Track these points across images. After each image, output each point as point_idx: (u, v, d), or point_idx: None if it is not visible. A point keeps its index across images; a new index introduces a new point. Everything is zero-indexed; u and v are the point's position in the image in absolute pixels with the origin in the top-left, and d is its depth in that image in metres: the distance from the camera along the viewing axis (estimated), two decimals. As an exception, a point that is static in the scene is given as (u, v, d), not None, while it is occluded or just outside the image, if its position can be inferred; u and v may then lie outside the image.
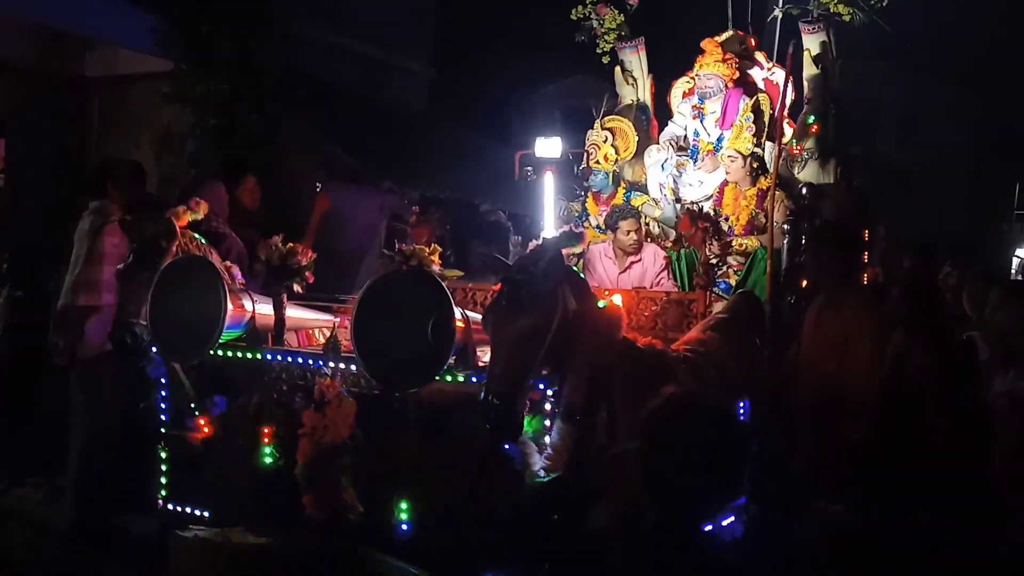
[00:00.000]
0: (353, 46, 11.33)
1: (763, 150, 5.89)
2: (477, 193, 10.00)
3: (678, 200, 6.04)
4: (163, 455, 4.15)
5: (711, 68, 6.04)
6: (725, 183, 5.83)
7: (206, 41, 8.42)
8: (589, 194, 6.08)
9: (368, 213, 9.95)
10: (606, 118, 6.24)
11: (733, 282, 5.39)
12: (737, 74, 6.10)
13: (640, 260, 5.56)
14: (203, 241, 4.21)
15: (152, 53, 8.53)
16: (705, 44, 6.15)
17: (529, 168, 5.52)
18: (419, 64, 12.91)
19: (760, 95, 6.01)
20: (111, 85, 9.55)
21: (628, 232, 5.52)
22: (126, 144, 9.61)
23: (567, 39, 6.59)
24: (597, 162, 6.02)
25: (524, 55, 17.91)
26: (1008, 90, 23.57)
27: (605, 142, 6.04)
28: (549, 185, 4.79)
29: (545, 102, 20.69)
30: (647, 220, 5.94)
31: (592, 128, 6.15)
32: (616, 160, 6.16)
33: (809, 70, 5.96)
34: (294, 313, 4.27)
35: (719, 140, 6.02)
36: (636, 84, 6.58)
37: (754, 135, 5.77)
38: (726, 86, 6.02)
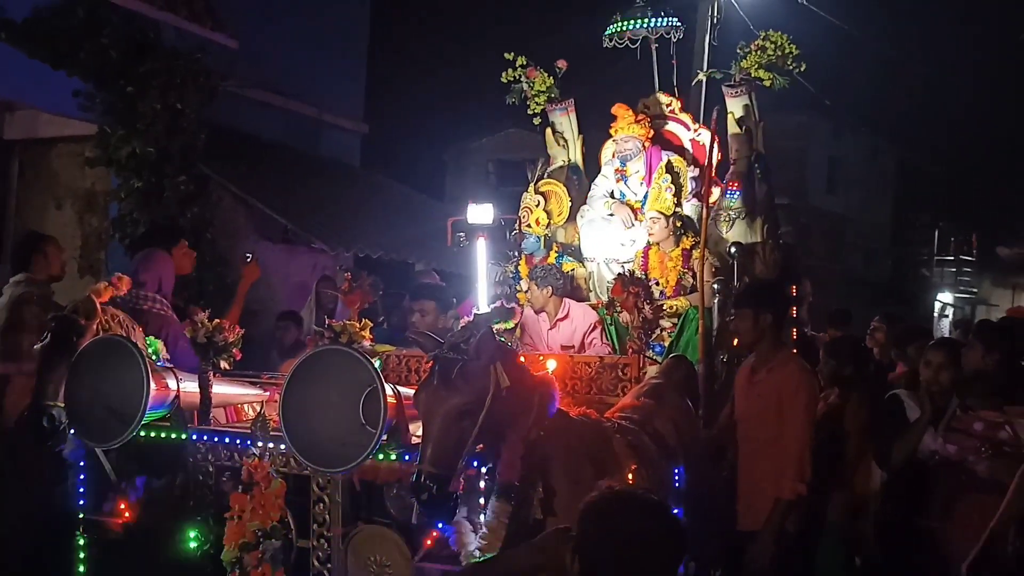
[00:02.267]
0: (282, 103, 11.27)
1: (682, 209, 5.99)
2: (411, 252, 9.95)
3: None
4: (81, 542, 3.97)
5: (626, 131, 6.18)
6: (648, 246, 5.91)
7: (131, 101, 8.29)
8: (523, 257, 6.09)
9: (300, 273, 9.88)
10: (540, 182, 6.30)
11: (667, 344, 5.43)
12: (652, 132, 6.24)
13: (568, 318, 5.58)
14: (126, 318, 4.08)
15: (74, 116, 8.36)
16: (616, 109, 6.29)
17: (461, 234, 5.52)
18: (350, 120, 12.87)
19: (673, 157, 6.12)
20: (32, 147, 9.33)
21: (532, 292, 5.58)
22: (47, 205, 9.39)
23: (500, 94, 6.66)
24: (529, 225, 6.07)
25: (456, 109, 18.09)
26: (925, 139, 24.56)
27: (537, 206, 6.10)
28: (482, 251, 4.78)
29: (478, 155, 20.88)
30: (577, 282, 5.99)
31: (526, 191, 6.20)
32: (548, 224, 6.21)
33: (734, 130, 6.12)
34: (222, 388, 4.16)
35: (645, 197, 6.13)
36: (567, 145, 6.67)
37: (674, 195, 5.87)
38: (643, 146, 6.14)
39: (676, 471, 4.27)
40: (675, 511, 2.34)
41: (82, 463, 3.97)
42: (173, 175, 8.48)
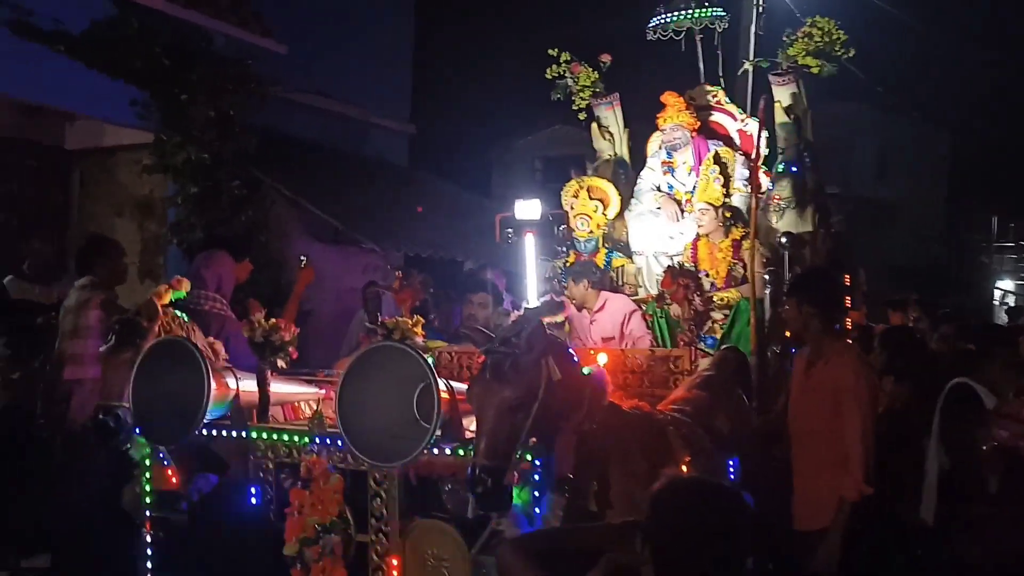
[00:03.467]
0: (331, 106, 11.43)
1: (731, 200, 5.95)
2: (459, 251, 10.01)
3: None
4: (148, 538, 4.08)
5: (675, 119, 6.15)
6: (697, 237, 5.87)
7: (184, 109, 8.49)
8: (571, 253, 6.10)
9: (351, 273, 10.00)
10: (591, 187, 6.22)
11: (719, 336, 5.40)
12: (699, 123, 6.20)
13: (603, 309, 5.59)
14: (186, 319, 4.19)
15: (131, 125, 8.57)
16: (665, 97, 6.26)
17: (510, 230, 5.55)
18: (398, 121, 13.01)
19: (720, 148, 6.08)
20: (91, 156, 9.58)
21: (570, 289, 5.58)
22: (107, 213, 9.64)
23: (545, 90, 6.68)
24: (591, 231, 6.04)
25: (503, 107, 18.10)
26: (979, 124, 23.98)
27: (596, 211, 6.06)
28: (530, 247, 4.81)
29: (525, 153, 20.88)
30: (627, 279, 5.99)
31: (572, 196, 6.16)
32: (606, 223, 6.19)
33: (781, 119, 6.05)
34: (279, 387, 4.24)
35: (694, 188, 6.09)
36: (613, 139, 6.67)
37: (723, 186, 5.83)
38: (691, 135, 6.10)
39: (731, 463, 4.25)
40: (745, 497, 2.33)
41: (147, 461, 4.08)
42: (227, 179, 8.69)
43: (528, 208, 4.95)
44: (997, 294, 21.55)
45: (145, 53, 8.37)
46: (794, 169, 5.91)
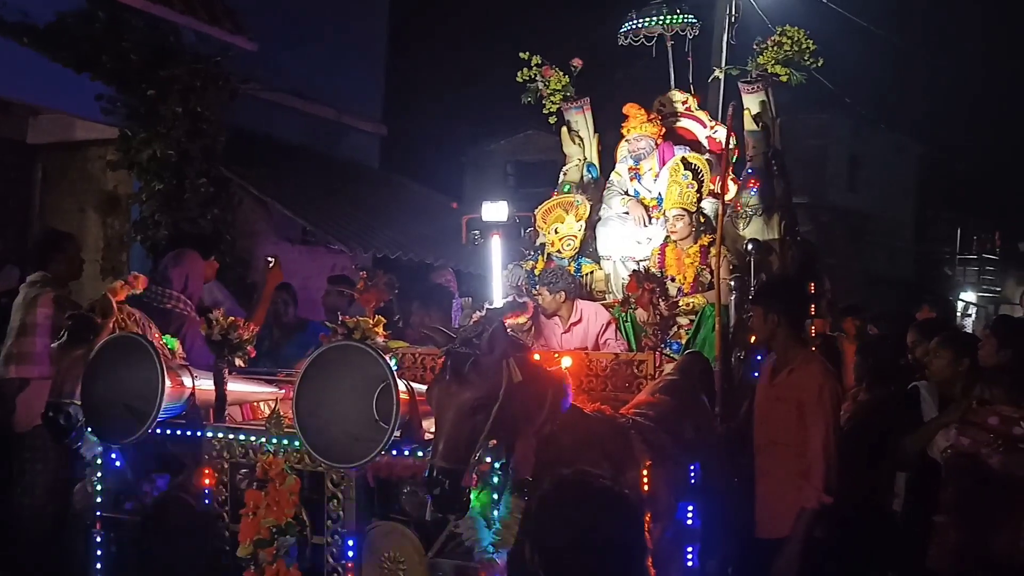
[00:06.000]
0: (302, 105, 11.33)
1: (702, 206, 5.96)
2: (430, 253, 9.97)
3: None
4: (99, 538, 3.99)
5: (639, 130, 6.17)
6: (665, 243, 5.87)
7: (152, 105, 8.37)
8: (540, 257, 6.06)
9: (319, 274, 9.90)
10: (574, 206, 6.15)
11: (684, 341, 5.40)
12: (664, 130, 6.22)
13: (581, 321, 5.55)
14: (140, 315, 4.11)
15: (97, 120, 8.44)
16: (627, 109, 6.29)
17: (476, 232, 5.51)
18: (370, 122, 12.92)
19: (689, 153, 6.08)
20: (55, 151, 9.43)
21: (543, 298, 5.52)
22: (71, 209, 9.48)
23: (518, 95, 6.67)
24: (576, 248, 5.99)
25: (476, 111, 18.08)
26: (948, 136, 24.29)
27: (580, 231, 6.01)
28: (496, 249, 4.78)
29: (497, 157, 20.88)
30: (596, 284, 5.97)
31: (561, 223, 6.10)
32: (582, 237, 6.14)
33: (750, 127, 6.07)
34: (238, 386, 4.18)
35: (660, 196, 6.10)
36: (583, 144, 6.66)
37: (696, 191, 5.83)
38: (656, 144, 6.12)
39: (692, 468, 4.24)
40: (628, 498, 2.27)
41: (99, 461, 3.99)
42: (194, 177, 8.56)
43: (495, 210, 4.92)
44: (960, 305, 21.82)
45: (113, 48, 8.23)
46: (762, 176, 5.93)
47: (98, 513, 3.99)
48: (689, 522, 4.19)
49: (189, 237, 6.63)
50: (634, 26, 6.62)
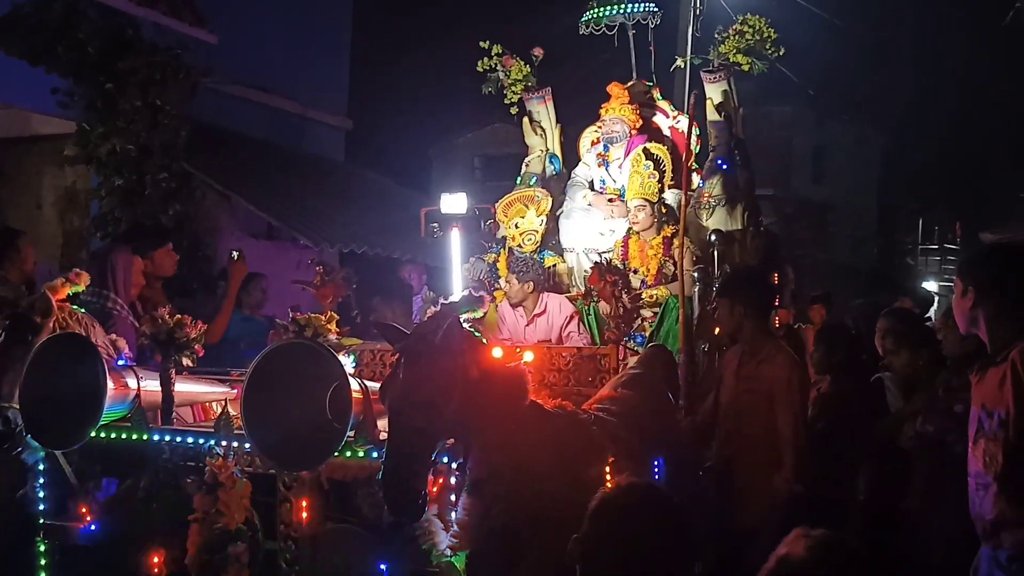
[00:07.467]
0: (265, 99, 11.17)
1: (664, 197, 5.90)
2: (397, 247, 9.85)
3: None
4: (43, 547, 3.85)
5: (617, 112, 6.10)
6: (628, 235, 5.80)
7: (110, 98, 8.18)
8: (502, 251, 5.96)
9: (285, 269, 9.75)
10: (535, 200, 6.04)
11: (648, 333, 5.33)
12: (640, 121, 6.13)
13: (544, 313, 5.48)
14: (83, 313, 3.96)
15: (54, 114, 8.25)
16: (611, 88, 6.21)
17: (435, 224, 5.40)
18: (334, 116, 12.77)
19: (651, 144, 6.01)
20: (11, 146, 9.22)
21: (511, 286, 5.46)
22: (28, 205, 9.28)
23: (482, 88, 6.57)
24: (538, 243, 5.88)
25: (442, 104, 17.96)
26: (911, 127, 24.49)
27: (542, 225, 5.91)
28: (456, 242, 4.68)
29: (464, 150, 20.77)
30: (560, 277, 5.90)
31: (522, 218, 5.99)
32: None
33: (712, 117, 6.02)
34: (188, 387, 4.05)
35: (623, 187, 6.02)
36: (545, 134, 6.57)
37: (658, 182, 5.77)
38: (630, 132, 6.04)
39: (656, 462, 4.17)
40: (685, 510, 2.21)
41: (41, 467, 3.84)
42: (154, 172, 8.40)
43: (454, 202, 4.81)
44: (936, 298, 22.02)
45: (69, 40, 8.04)
46: (724, 166, 5.88)
47: (41, 521, 3.84)
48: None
49: (142, 231, 6.45)
50: (595, 15, 6.54)
